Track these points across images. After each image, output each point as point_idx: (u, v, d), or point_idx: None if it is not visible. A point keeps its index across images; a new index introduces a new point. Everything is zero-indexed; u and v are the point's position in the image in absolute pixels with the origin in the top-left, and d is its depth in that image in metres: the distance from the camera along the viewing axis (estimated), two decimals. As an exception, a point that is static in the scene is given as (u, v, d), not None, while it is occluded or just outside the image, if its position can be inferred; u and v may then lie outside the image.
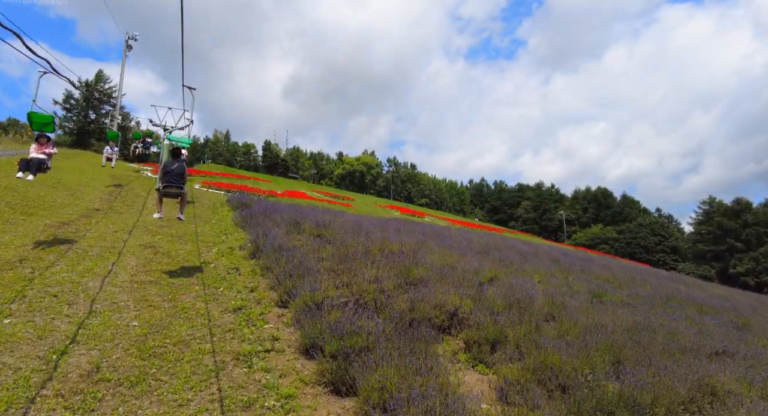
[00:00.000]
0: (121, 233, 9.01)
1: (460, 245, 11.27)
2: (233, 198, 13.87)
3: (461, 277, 6.26)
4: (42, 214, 9.40)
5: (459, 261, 8.26)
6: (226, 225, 10.84)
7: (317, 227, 9.52)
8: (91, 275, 6.15)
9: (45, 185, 12.09)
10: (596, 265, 14.25)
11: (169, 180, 7.03)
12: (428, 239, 11.13)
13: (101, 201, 11.93)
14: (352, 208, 22.60)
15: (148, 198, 13.45)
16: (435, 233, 13.03)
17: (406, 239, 9.42)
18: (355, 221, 11.11)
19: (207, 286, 6.37)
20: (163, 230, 9.87)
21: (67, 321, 4.66)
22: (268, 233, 8.51)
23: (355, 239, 8.49)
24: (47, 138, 7.79)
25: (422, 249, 8.77)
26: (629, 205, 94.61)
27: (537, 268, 10.12)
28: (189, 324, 4.97)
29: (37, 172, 7.49)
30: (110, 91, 43.76)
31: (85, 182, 13.75)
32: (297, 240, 8.45)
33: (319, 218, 10.85)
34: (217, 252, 8.40)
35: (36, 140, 7.78)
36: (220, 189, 18.34)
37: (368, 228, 10.60)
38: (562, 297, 6.77)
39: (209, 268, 7.38)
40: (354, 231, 9.73)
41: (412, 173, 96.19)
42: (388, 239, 8.73)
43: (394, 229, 11.89)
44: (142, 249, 8.06)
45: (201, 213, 12.54)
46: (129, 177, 18.17)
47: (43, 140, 7.71)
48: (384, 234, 9.55)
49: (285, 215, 11.24)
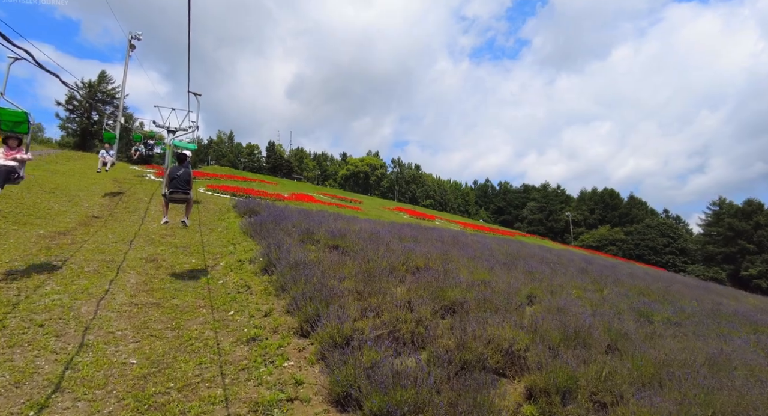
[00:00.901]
0: (121, 244, 8.31)
1: (483, 255, 10.52)
2: (240, 203, 13.17)
3: (502, 300, 5.52)
4: (36, 223, 8.71)
5: (490, 276, 7.51)
6: (234, 234, 10.13)
7: (332, 236, 8.79)
8: (85, 297, 5.44)
9: (42, 190, 11.43)
10: (623, 274, 13.47)
11: (176, 186, 7.09)
12: (449, 248, 10.39)
13: (101, 207, 11.25)
14: (362, 211, 21.87)
15: (150, 203, 12.78)
16: (453, 241, 12.28)
17: (429, 250, 8.67)
18: (371, 230, 10.38)
19: (215, 309, 5.65)
20: (166, 240, 9.18)
21: (53, 358, 3.95)
22: (280, 245, 7.79)
23: (375, 252, 7.76)
24: (19, 140, 6.30)
25: (447, 262, 8.02)
26: (636, 206, 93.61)
27: (569, 280, 9.36)
28: (196, 359, 4.24)
29: (6, 183, 6.11)
30: (113, 92, 43.26)
31: (85, 186, 13.10)
32: (312, 253, 7.73)
33: (333, 227, 10.13)
34: (225, 266, 7.69)
35: (4, 143, 6.22)
36: (226, 193, 17.65)
37: (385, 237, 9.86)
38: (613, 320, 6.01)
39: (217, 285, 6.66)
40: (371, 241, 9.00)
41: (417, 173, 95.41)
42: (411, 251, 7.98)
43: (411, 237, 11.15)
44: (144, 263, 7.35)
45: (206, 220, 11.85)
46: (131, 181, 17.51)
47: (14, 142, 6.20)
48: (405, 245, 8.81)
49: (296, 223, 10.52)
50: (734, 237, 65.00)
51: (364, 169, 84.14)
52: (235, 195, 17.44)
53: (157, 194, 14.56)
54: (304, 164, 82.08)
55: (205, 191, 17.64)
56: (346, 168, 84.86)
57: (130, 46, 29.56)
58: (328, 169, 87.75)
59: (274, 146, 77.65)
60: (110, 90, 43.91)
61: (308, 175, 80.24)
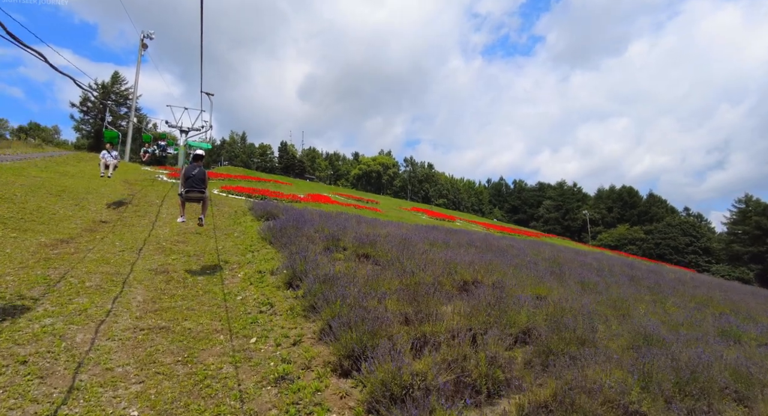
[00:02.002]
0: (129, 253, 7.52)
1: (524, 262, 9.50)
2: (257, 206, 12.34)
3: (581, 325, 4.52)
4: (38, 230, 7.97)
5: (546, 290, 6.51)
6: (252, 239, 9.29)
7: (361, 243, 7.87)
8: (82, 321, 4.61)
9: (48, 193, 10.75)
10: (671, 279, 12.30)
11: (191, 185, 7.22)
12: (485, 255, 9.39)
13: (110, 211, 10.52)
14: (381, 213, 20.93)
15: (162, 206, 12.03)
16: (486, 246, 11.28)
17: (471, 259, 7.70)
18: (400, 235, 9.44)
19: (234, 334, 4.77)
20: (178, 247, 8.37)
21: (33, 411, 3.10)
22: (305, 254, 6.90)
23: (411, 261, 6.82)
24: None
25: (491, 272, 7.04)
26: (656, 204, 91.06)
27: (625, 291, 8.30)
28: (214, 408, 3.36)
29: None
30: (126, 93, 43.08)
31: (94, 188, 12.41)
32: (340, 262, 6.83)
33: (360, 232, 9.22)
34: (244, 278, 6.82)
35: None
36: (241, 194, 16.89)
37: (418, 244, 8.92)
38: (704, 346, 4.97)
39: (235, 302, 5.79)
40: (403, 248, 8.06)
41: (430, 172, 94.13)
42: (452, 261, 7.02)
43: (443, 242, 10.18)
44: (153, 276, 6.53)
45: (221, 223, 11.04)
46: (143, 182, 16.86)
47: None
48: (444, 254, 7.84)
49: (318, 227, 9.64)
50: (762, 236, 62.58)
51: (376, 168, 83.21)
52: (250, 196, 16.67)
53: (169, 196, 13.85)
54: (317, 164, 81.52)
55: (219, 193, 16.90)
56: (358, 168, 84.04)
57: (142, 45, 29.18)
58: (340, 168, 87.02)
59: (286, 146, 77.27)
60: (123, 91, 43.76)
61: (320, 175, 79.69)
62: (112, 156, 12.07)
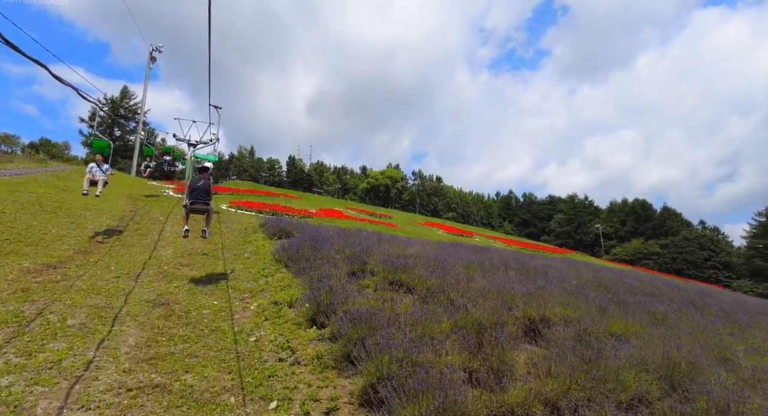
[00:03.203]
0: (125, 280, 6.49)
1: (570, 286, 8.34)
2: (268, 222, 11.34)
3: (712, 393, 3.38)
4: (23, 252, 7.00)
5: (621, 327, 5.35)
6: (264, 261, 8.25)
7: (391, 267, 6.78)
8: (50, 379, 3.55)
9: (42, 209, 9.83)
10: (724, 302, 11.02)
11: (196, 197, 7.17)
12: (533, 280, 8.27)
13: (108, 230, 9.55)
14: (398, 228, 19.85)
15: (166, 224, 11.06)
16: (523, 267, 10.12)
17: (521, 287, 6.57)
18: (432, 256, 8.35)
19: (248, 394, 3.68)
20: (182, 271, 7.34)
21: None
22: (328, 281, 5.84)
23: (455, 291, 5.71)
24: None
25: (551, 304, 5.89)
26: (671, 217, 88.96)
27: (698, 322, 7.10)
28: None
29: None
30: (135, 107, 42.86)
31: (93, 204, 11.51)
32: (372, 294, 5.75)
33: (386, 252, 8.15)
34: (258, 311, 5.75)
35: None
36: (251, 209, 15.91)
37: (454, 266, 7.82)
38: None
39: (248, 346, 4.71)
40: (440, 272, 6.97)
41: (438, 186, 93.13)
42: (507, 290, 5.90)
43: (477, 263, 9.06)
44: (150, 309, 5.48)
45: (230, 242, 10.03)
46: (148, 198, 15.98)
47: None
48: (490, 281, 6.73)
49: (338, 247, 8.59)
50: (786, 250, 60.40)
51: (384, 182, 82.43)
52: (260, 212, 15.69)
53: (174, 212, 12.91)
54: (325, 178, 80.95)
55: (227, 208, 15.95)
56: (366, 181, 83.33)
57: (150, 58, 28.81)
58: (348, 182, 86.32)
59: (294, 160, 76.93)
60: (132, 105, 43.58)
61: (329, 189, 79.02)
62: (102, 170, 9.97)
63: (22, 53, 5.13)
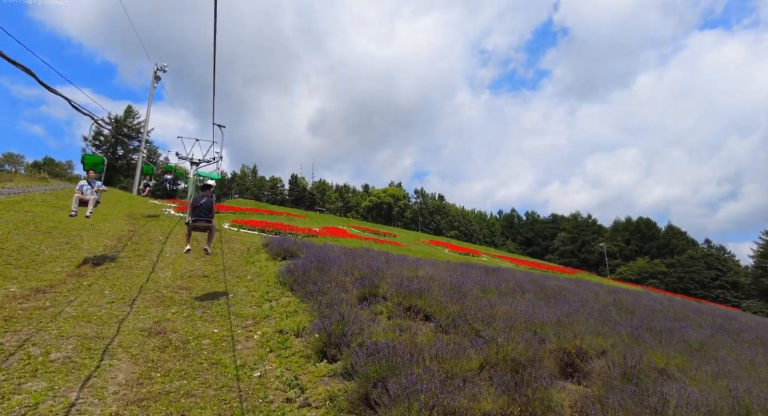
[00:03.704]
0: (119, 305, 6.02)
1: (596, 311, 7.83)
2: (272, 242, 10.90)
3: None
4: (12, 275, 6.56)
5: (662, 360, 4.84)
6: (268, 284, 7.78)
7: (405, 292, 6.30)
8: (26, 428, 3.07)
9: (36, 230, 9.43)
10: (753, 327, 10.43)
11: (198, 214, 7.17)
12: (553, 304, 7.77)
13: (105, 251, 9.12)
14: (403, 247, 19.36)
15: (166, 244, 10.63)
16: (539, 289, 9.61)
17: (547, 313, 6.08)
18: (446, 279, 7.86)
19: (252, 445, 3.18)
20: (181, 296, 6.87)
21: None
22: (339, 308, 5.36)
23: (477, 319, 5.23)
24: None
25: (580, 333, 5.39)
26: (676, 236, 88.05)
27: (743, 355, 6.55)
28: None
29: None
30: (139, 127, 43.01)
31: (91, 224, 11.10)
32: (386, 321, 5.27)
33: (397, 273, 7.67)
34: (262, 340, 5.26)
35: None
36: (253, 228, 15.49)
37: (471, 290, 7.34)
38: None
39: (252, 383, 4.21)
40: (456, 295, 6.48)
41: (441, 204, 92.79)
42: (535, 319, 5.40)
43: (494, 286, 8.56)
44: (144, 338, 5.00)
45: (233, 263, 9.57)
46: (148, 217, 15.60)
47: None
48: (513, 306, 6.24)
49: (345, 268, 8.15)
50: (795, 269, 59.45)
51: (387, 200, 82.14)
52: (263, 231, 15.26)
53: (174, 232, 12.50)
54: (327, 196, 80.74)
55: (230, 227, 15.52)
56: (368, 199, 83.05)
57: (155, 77, 28.94)
58: (350, 200, 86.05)
59: (296, 179, 76.95)
60: (136, 124, 43.75)
61: (331, 207, 78.73)
62: (92, 187, 8.86)
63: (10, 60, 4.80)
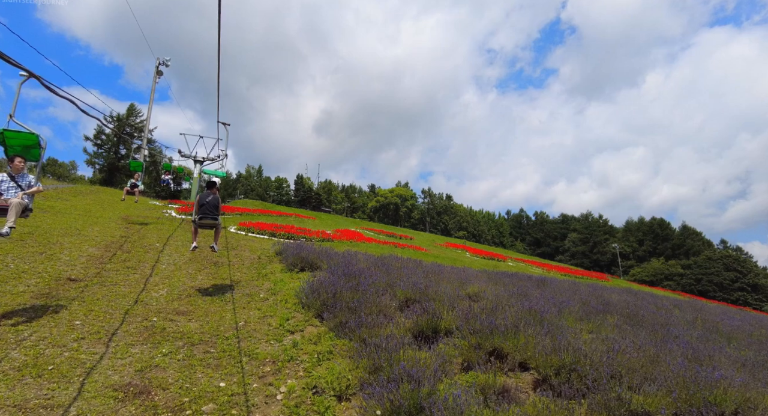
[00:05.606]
0: (90, 343, 4.42)
1: (695, 339, 6.16)
2: (287, 249, 9.27)
3: None
4: (-46, 300, 4.98)
5: None
6: (287, 305, 6.16)
7: (476, 326, 4.65)
8: None
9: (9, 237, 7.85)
10: None
11: (205, 212, 7.07)
12: (652, 332, 6.09)
13: (88, 262, 7.53)
14: (427, 252, 17.68)
15: (163, 252, 9.03)
16: (604, 305, 7.93)
17: (681, 363, 4.42)
18: (513, 300, 6.20)
19: None
20: (176, 325, 5.26)
21: None
22: (397, 355, 3.73)
23: (592, 367, 3.58)
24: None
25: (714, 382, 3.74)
26: (691, 236, 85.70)
27: None
28: None
29: None
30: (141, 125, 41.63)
31: (78, 228, 9.54)
32: (461, 376, 3.63)
33: (445, 292, 6.03)
34: (289, 405, 3.61)
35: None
36: (263, 232, 13.87)
37: (554, 319, 5.68)
38: None
39: None
40: (539, 326, 4.83)
41: (448, 204, 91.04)
42: (692, 379, 3.75)
43: (567, 306, 6.89)
44: (117, 405, 3.37)
45: (241, 276, 7.96)
46: (147, 218, 14.04)
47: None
48: (619, 344, 4.59)
49: (381, 284, 6.53)
50: (820, 271, 57.24)
51: (393, 200, 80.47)
52: (274, 235, 13.65)
53: (175, 236, 10.92)
54: (333, 197, 79.17)
55: (237, 231, 13.91)
56: (375, 200, 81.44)
57: (157, 71, 27.46)
58: (356, 201, 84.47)
59: (302, 179, 75.49)
60: (139, 123, 42.37)
61: (337, 207, 77.18)
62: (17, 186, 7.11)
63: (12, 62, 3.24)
